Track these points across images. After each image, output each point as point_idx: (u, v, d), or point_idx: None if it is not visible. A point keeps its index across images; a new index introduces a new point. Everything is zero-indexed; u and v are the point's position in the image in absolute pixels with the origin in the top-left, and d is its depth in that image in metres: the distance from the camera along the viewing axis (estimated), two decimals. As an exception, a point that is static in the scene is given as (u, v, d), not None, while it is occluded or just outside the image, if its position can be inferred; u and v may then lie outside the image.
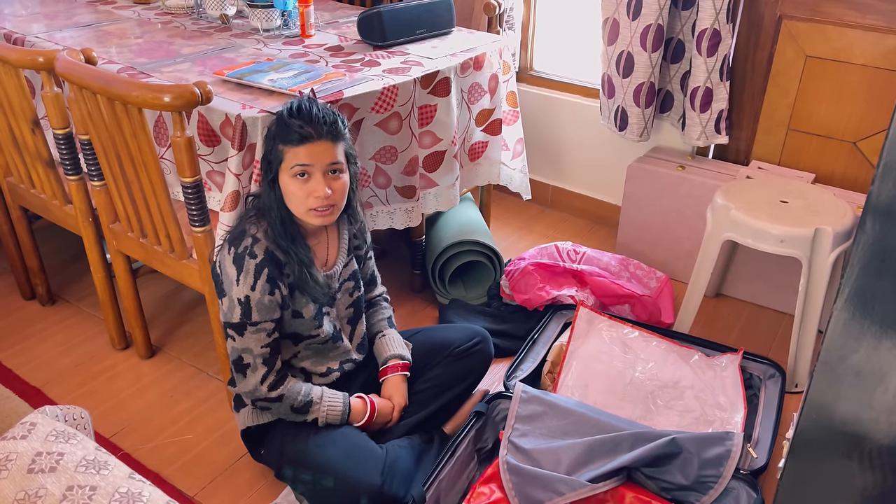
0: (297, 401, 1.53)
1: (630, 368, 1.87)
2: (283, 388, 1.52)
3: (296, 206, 1.47)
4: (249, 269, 1.44)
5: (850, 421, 0.89)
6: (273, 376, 1.51)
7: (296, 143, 1.42)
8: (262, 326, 1.48)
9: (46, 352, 2.13)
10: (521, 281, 2.27)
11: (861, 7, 2.07)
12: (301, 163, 1.43)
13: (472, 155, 2.24)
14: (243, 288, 1.45)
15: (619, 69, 2.38)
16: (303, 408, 1.54)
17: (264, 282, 1.45)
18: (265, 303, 1.46)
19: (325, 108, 1.46)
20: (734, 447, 1.58)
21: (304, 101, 1.45)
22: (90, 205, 1.93)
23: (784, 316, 2.32)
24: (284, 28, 2.28)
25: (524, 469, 1.54)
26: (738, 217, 1.92)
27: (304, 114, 1.42)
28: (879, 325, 0.82)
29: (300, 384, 1.56)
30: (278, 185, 1.47)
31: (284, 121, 1.43)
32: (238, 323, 1.47)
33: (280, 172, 1.46)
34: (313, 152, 1.43)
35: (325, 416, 1.55)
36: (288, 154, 1.43)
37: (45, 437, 1.11)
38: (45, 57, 1.72)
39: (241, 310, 1.46)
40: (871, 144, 2.19)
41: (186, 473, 1.73)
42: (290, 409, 1.53)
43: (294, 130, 1.41)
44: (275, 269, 1.46)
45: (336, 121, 1.46)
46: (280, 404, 1.53)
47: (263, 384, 1.51)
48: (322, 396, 1.56)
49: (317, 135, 1.42)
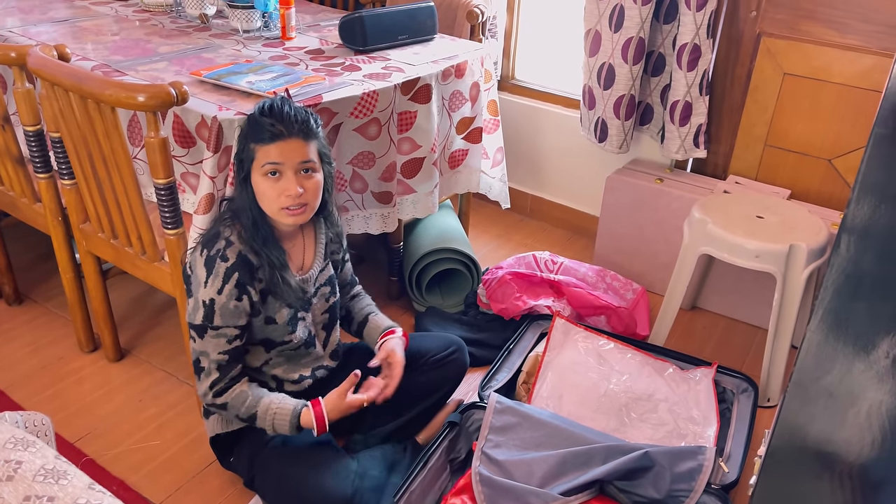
0: (241, 412, 1.49)
1: (605, 380, 1.87)
2: (227, 395, 1.49)
3: (268, 205, 1.45)
4: (219, 273, 1.42)
5: (823, 442, 0.89)
6: (222, 383, 1.48)
7: (267, 142, 1.40)
8: (222, 332, 1.45)
9: (12, 353, 2.08)
10: (499, 290, 2.26)
11: (840, 27, 2.09)
12: (272, 161, 1.41)
13: (451, 163, 2.23)
14: (210, 291, 1.42)
15: (600, 81, 2.39)
16: (249, 418, 1.50)
17: (232, 287, 1.43)
18: (230, 308, 1.44)
19: (297, 107, 1.44)
20: (706, 461, 1.58)
21: (276, 101, 1.43)
22: (60, 204, 1.89)
23: (758, 330, 2.33)
24: (265, 30, 2.26)
25: (496, 481, 1.53)
26: (714, 231, 1.93)
27: (276, 112, 1.41)
28: (853, 346, 0.82)
29: (249, 394, 1.50)
30: (250, 184, 1.45)
31: (256, 119, 1.41)
32: (200, 325, 1.45)
33: (252, 171, 1.44)
34: (284, 150, 1.41)
35: (272, 427, 1.50)
36: (259, 152, 1.41)
37: (4, 444, 1.08)
38: (17, 52, 1.68)
39: (204, 312, 1.44)
40: (846, 162, 2.22)
41: (153, 480, 1.70)
42: (236, 417, 1.51)
43: (265, 129, 1.40)
44: (246, 275, 1.44)
45: (308, 119, 1.44)
46: (226, 412, 1.51)
47: (212, 389, 1.48)
48: (269, 408, 1.49)
49: (288, 133, 1.40)
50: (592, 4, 2.34)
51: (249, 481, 1.60)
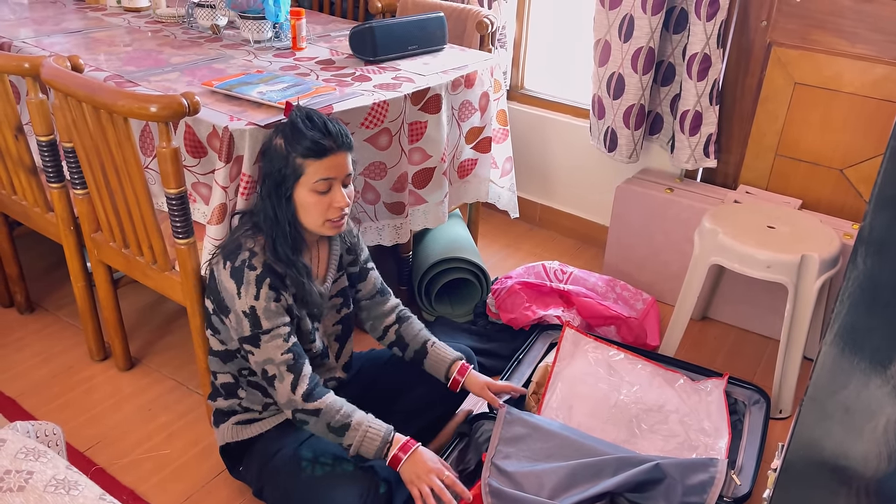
0: (335, 419, 1.43)
1: (615, 391, 1.86)
2: (320, 401, 1.44)
3: (313, 218, 1.45)
4: (250, 280, 1.41)
5: (839, 456, 0.88)
6: (305, 383, 1.43)
7: (318, 157, 1.40)
8: (275, 332, 1.43)
9: (23, 361, 2.08)
10: (508, 300, 2.25)
11: (850, 36, 2.09)
12: (325, 177, 1.41)
13: (461, 172, 2.23)
14: (246, 299, 1.41)
15: (610, 90, 2.39)
16: (340, 428, 1.44)
17: (268, 290, 1.42)
18: (272, 309, 1.42)
19: (330, 118, 1.46)
20: (718, 474, 1.56)
21: (311, 113, 1.43)
22: (72, 213, 1.90)
23: (769, 341, 2.32)
24: (276, 40, 2.27)
25: (506, 492, 1.52)
26: (725, 241, 1.92)
27: (319, 124, 1.41)
28: (869, 361, 0.81)
29: (342, 402, 1.46)
30: (293, 199, 1.44)
31: (302, 133, 1.40)
32: (251, 335, 1.43)
33: (297, 186, 1.43)
34: (334, 165, 1.42)
35: (360, 446, 1.44)
36: (309, 168, 1.41)
37: (15, 454, 1.08)
38: (31, 63, 1.70)
39: (249, 322, 1.42)
40: (857, 172, 2.21)
41: (163, 490, 1.70)
42: (326, 426, 1.44)
43: (314, 142, 1.39)
44: (276, 280, 1.44)
45: (346, 131, 1.46)
46: (317, 419, 1.44)
47: (296, 392, 1.43)
48: (363, 422, 1.45)
49: (337, 147, 1.42)
50: (602, 14, 2.34)
51: (258, 491, 1.59)
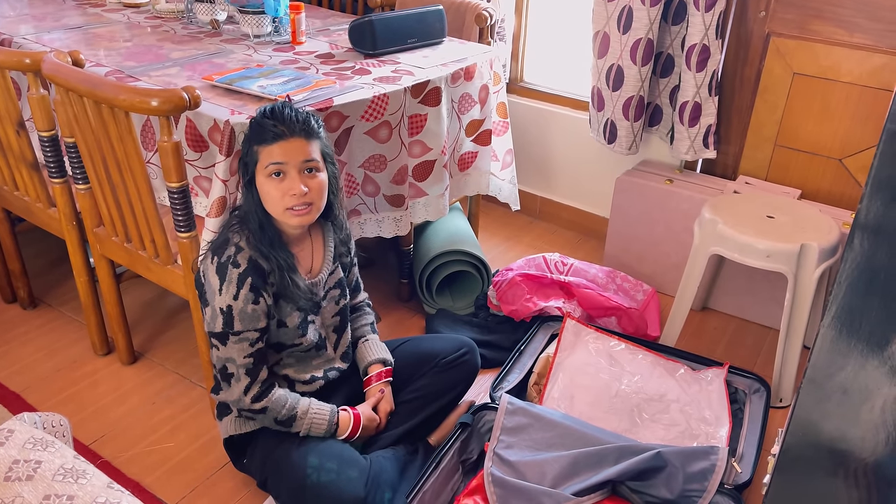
0: (281, 414, 1.52)
1: (616, 381, 1.87)
2: (266, 399, 1.51)
3: (273, 206, 1.46)
4: (232, 279, 1.43)
5: (837, 438, 0.89)
6: (256, 387, 1.50)
7: (269, 142, 1.42)
8: (244, 336, 1.46)
9: (27, 356, 2.09)
10: (509, 292, 2.26)
11: (848, 26, 2.09)
12: (275, 161, 1.42)
13: (461, 165, 2.24)
14: (226, 297, 1.43)
15: (609, 82, 2.39)
16: (286, 421, 1.52)
17: (247, 291, 1.44)
18: (248, 312, 1.45)
19: (298, 109, 1.47)
20: (719, 462, 1.57)
21: (276, 104, 1.46)
22: (74, 208, 1.91)
23: (769, 331, 2.33)
24: (275, 34, 2.28)
25: (509, 482, 1.53)
26: (725, 231, 1.93)
27: (277, 114, 1.43)
28: (867, 342, 0.82)
29: (286, 396, 1.54)
30: (255, 187, 1.46)
31: (258, 122, 1.44)
32: (221, 332, 1.46)
33: (256, 174, 1.45)
34: (287, 150, 1.43)
35: (309, 430, 1.54)
36: (262, 154, 1.43)
37: (23, 444, 1.09)
38: (32, 58, 1.70)
39: (223, 319, 1.45)
40: (856, 161, 2.21)
41: (167, 482, 1.71)
42: (273, 421, 1.52)
43: (267, 130, 1.42)
44: (258, 279, 1.45)
45: (308, 118, 1.46)
46: (264, 416, 1.52)
47: (247, 395, 1.49)
48: (308, 410, 1.55)
49: (290, 132, 1.43)
50: (601, 6, 2.35)
51: (263, 482, 1.60)
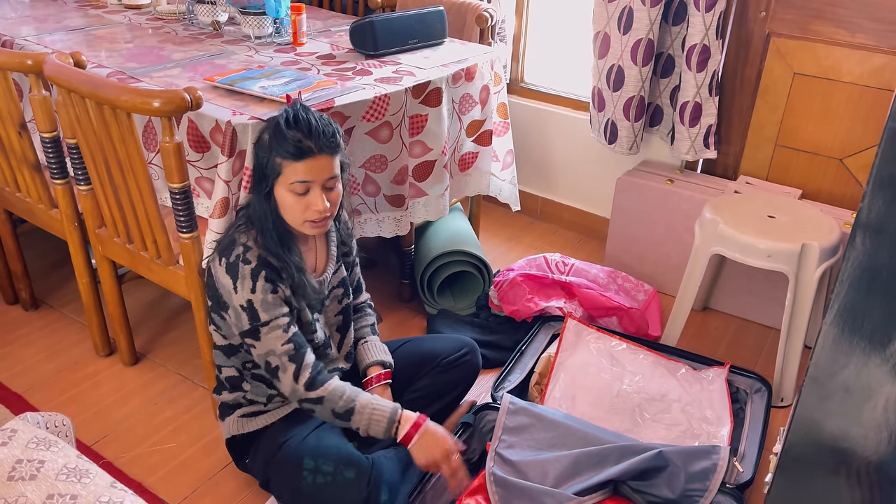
0: (339, 405, 1.46)
1: (617, 381, 1.87)
2: (322, 389, 1.45)
3: (292, 217, 1.45)
4: (245, 275, 1.42)
5: (839, 437, 0.89)
6: (307, 372, 1.45)
7: (295, 159, 1.38)
8: (274, 324, 1.43)
9: (29, 357, 2.10)
10: (510, 292, 2.26)
11: (849, 26, 2.09)
12: (301, 179, 1.39)
13: (462, 165, 2.24)
14: (243, 293, 1.42)
15: (610, 83, 2.40)
16: (345, 414, 1.46)
17: (264, 282, 1.42)
18: (269, 301, 1.42)
19: (321, 118, 1.42)
20: (720, 461, 1.58)
21: (299, 112, 1.40)
22: (76, 209, 1.91)
23: (770, 330, 2.33)
24: (276, 35, 2.28)
25: (510, 481, 1.53)
26: (725, 231, 1.93)
27: (303, 125, 1.38)
28: (868, 341, 0.82)
29: (344, 387, 1.48)
30: (273, 196, 1.44)
31: (283, 133, 1.38)
32: (250, 329, 1.43)
33: (276, 185, 1.43)
34: (313, 168, 1.39)
35: (367, 429, 1.48)
36: (287, 169, 1.39)
37: (26, 444, 1.09)
38: (34, 60, 1.70)
39: (247, 315, 1.42)
40: (857, 161, 2.21)
41: (169, 482, 1.71)
42: (331, 412, 1.46)
43: (293, 144, 1.37)
44: (272, 273, 1.44)
45: (335, 133, 1.42)
46: (322, 406, 1.46)
47: (298, 382, 1.44)
48: (366, 406, 1.47)
49: (317, 149, 1.38)
50: (601, 7, 2.35)
51: (265, 483, 1.60)
